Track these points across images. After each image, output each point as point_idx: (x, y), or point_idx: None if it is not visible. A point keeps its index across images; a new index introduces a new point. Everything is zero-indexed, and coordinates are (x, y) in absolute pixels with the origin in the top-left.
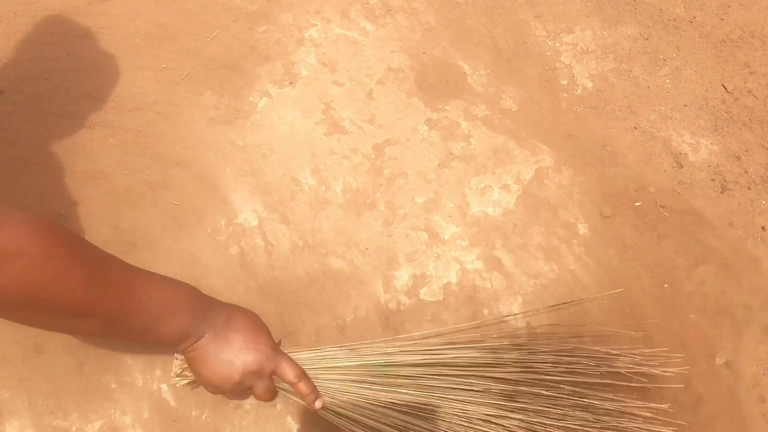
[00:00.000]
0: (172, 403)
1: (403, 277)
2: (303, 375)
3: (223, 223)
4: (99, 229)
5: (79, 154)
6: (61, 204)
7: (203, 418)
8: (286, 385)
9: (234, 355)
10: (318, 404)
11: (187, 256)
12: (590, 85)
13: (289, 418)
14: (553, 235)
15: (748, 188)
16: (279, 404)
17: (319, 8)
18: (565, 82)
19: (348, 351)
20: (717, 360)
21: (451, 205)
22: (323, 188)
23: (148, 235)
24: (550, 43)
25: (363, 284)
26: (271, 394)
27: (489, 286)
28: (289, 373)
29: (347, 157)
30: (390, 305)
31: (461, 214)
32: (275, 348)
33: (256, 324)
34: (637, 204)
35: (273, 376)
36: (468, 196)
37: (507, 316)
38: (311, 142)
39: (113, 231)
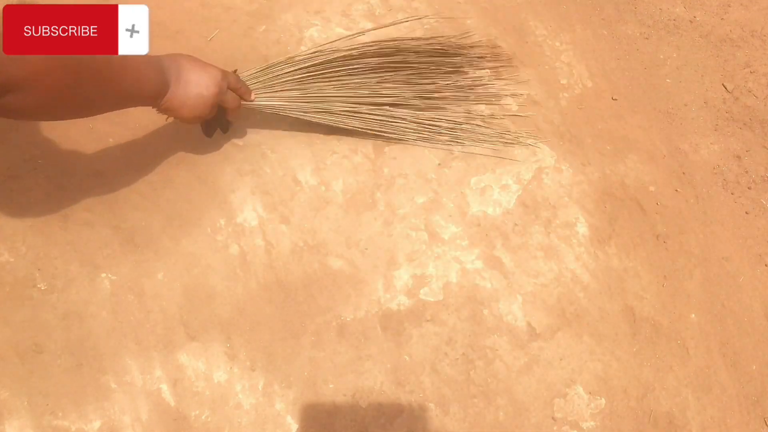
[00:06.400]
0: (172, 403)
1: (403, 277)
2: (242, 81)
3: (223, 222)
4: (99, 229)
5: (79, 154)
6: (62, 204)
7: (203, 418)
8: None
9: (198, 86)
10: (252, 96)
11: (187, 256)
12: (590, 84)
13: (288, 417)
14: (553, 234)
15: (748, 188)
16: (279, 404)
17: (320, 8)
18: (565, 81)
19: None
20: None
21: (451, 205)
22: (323, 188)
23: (148, 235)
24: (550, 42)
25: (363, 284)
26: (237, 101)
27: (489, 285)
28: (235, 81)
29: (347, 157)
30: (390, 305)
31: (461, 213)
32: (220, 68)
33: (194, 58)
34: (637, 204)
35: (230, 90)
36: (468, 195)
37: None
38: (311, 141)
39: (113, 231)
